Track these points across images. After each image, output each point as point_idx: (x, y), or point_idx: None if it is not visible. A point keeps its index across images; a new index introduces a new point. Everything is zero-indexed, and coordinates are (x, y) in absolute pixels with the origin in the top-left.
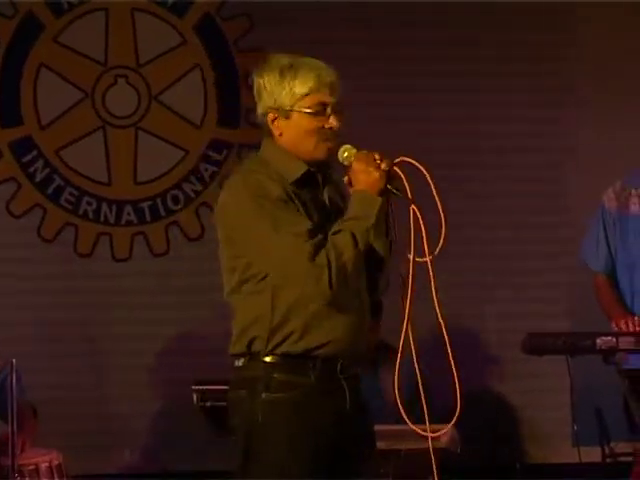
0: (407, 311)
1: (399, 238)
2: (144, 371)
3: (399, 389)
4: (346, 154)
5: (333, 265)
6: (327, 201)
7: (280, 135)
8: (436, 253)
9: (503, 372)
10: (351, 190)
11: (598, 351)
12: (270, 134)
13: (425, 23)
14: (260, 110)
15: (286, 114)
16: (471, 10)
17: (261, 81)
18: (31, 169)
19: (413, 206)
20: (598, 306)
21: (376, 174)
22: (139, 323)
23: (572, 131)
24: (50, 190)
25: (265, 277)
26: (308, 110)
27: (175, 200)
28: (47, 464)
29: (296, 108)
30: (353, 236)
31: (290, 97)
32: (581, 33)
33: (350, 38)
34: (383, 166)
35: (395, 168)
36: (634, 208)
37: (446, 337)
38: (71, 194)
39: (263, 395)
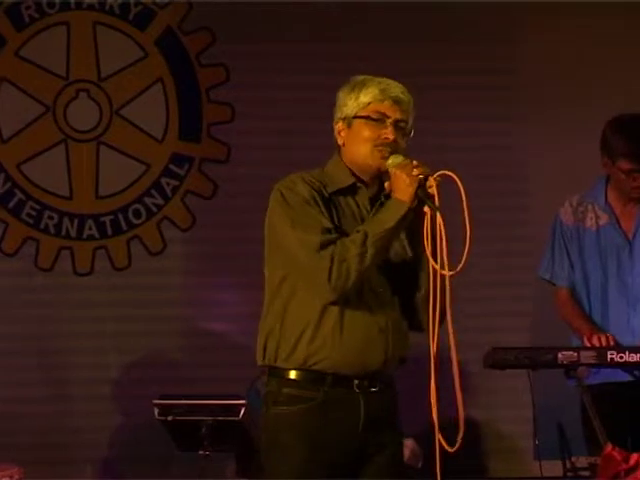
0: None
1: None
2: (105, 385)
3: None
4: (390, 161)
5: (336, 258)
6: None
7: (343, 145)
8: (458, 270)
9: (465, 386)
10: None
11: (559, 365)
12: (337, 149)
13: (390, 37)
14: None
15: (349, 122)
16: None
17: (337, 97)
18: None
19: (439, 216)
20: (559, 320)
21: (407, 180)
22: (100, 337)
23: (533, 144)
24: (11, 204)
25: (279, 290)
26: (367, 115)
27: (137, 214)
28: (7, 479)
29: (358, 114)
30: (365, 234)
31: (355, 106)
32: (531, 45)
33: (312, 52)
34: (415, 172)
35: (431, 178)
36: (590, 223)
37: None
38: (32, 208)
39: (272, 409)
